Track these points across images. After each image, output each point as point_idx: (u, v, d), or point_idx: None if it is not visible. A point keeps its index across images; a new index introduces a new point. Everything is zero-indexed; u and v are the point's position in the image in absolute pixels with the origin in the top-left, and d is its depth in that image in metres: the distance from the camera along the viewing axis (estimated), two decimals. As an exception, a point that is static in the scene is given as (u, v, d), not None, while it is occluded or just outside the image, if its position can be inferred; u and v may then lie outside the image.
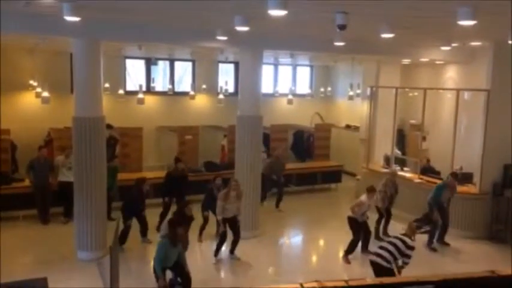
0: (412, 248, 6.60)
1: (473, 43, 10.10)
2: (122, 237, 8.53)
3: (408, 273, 6.02)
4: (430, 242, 9.48)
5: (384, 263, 6.43)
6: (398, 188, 10.10)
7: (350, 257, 8.61)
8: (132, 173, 11.20)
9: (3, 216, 10.15)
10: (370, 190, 8.85)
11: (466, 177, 10.46)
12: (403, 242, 6.60)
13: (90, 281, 7.44)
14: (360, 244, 8.77)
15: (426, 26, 7.61)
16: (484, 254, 9.23)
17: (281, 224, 10.86)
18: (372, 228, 9.45)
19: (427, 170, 11.59)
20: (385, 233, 9.91)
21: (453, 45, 9.98)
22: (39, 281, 7.31)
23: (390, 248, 6.55)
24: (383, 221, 9.93)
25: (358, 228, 8.74)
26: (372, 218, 9.64)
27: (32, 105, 12.93)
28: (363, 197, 8.82)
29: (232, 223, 8.54)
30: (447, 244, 9.61)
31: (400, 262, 6.57)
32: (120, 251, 7.52)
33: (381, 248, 6.66)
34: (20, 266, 8.18)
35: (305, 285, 4.09)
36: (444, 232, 9.64)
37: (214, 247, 8.64)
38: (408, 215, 10.11)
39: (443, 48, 10.32)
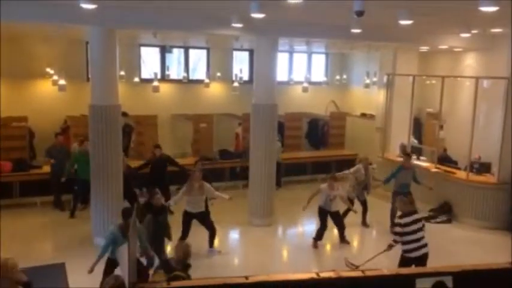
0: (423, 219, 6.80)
1: (493, 30, 9.86)
2: None
3: (426, 265, 5.97)
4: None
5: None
6: (370, 175, 9.83)
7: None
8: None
9: (21, 202, 10.36)
10: (330, 178, 8.69)
11: (484, 167, 10.31)
12: (421, 220, 6.65)
13: (107, 267, 7.52)
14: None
15: (446, 12, 7.43)
16: (502, 244, 9.09)
17: (294, 212, 10.83)
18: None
19: (444, 160, 11.45)
20: (364, 224, 9.84)
21: (473, 32, 9.76)
22: (57, 266, 7.46)
23: (424, 234, 6.56)
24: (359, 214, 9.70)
25: (324, 218, 8.68)
26: (384, 213, 9.59)
27: (49, 92, 13.03)
28: (323, 185, 8.69)
29: (201, 219, 8.24)
30: None
31: None
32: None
33: (423, 238, 6.56)
34: (38, 252, 8.31)
35: (321, 274, 4.07)
36: None
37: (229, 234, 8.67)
38: (425, 205, 10.04)
39: (463, 35, 10.10)
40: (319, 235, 8.78)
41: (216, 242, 8.59)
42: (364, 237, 9.78)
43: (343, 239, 8.93)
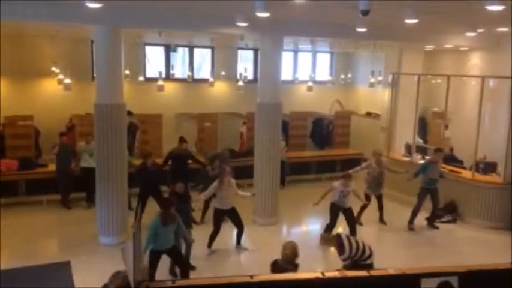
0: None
1: (499, 29, 9.81)
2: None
3: (432, 264, 5.95)
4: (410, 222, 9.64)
5: None
6: (383, 170, 9.85)
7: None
8: (152, 160, 11.28)
9: (27, 200, 10.40)
10: (344, 176, 8.70)
11: (490, 167, 10.27)
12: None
13: (112, 265, 7.46)
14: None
15: (452, 11, 7.40)
16: (507, 244, 9.06)
17: (299, 211, 10.83)
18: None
19: (450, 159, 11.39)
20: (382, 220, 9.87)
21: (479, 31, 9.72)
22: (63, 264, 7.49)
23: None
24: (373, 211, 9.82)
25: (335, 214, 8.67)
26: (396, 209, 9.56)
27: (54, 91, 13.09)
28: (336, 183, 8.69)
29: (232, 215, 8.33)
30: (436, 227, 9.73)
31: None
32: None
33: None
34: (43, 250, 8.36)
35: (326, 274, 4.05)
36: (434, 215, 9.75)
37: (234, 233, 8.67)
38: (431, 204, 9.97)
39: (469, 34, 10.06)
40: (327, 231, 8.73)
41: (220, 241, 8.59)
42: (379, 236, 9.72)
43: (354, 234, 8.88)
